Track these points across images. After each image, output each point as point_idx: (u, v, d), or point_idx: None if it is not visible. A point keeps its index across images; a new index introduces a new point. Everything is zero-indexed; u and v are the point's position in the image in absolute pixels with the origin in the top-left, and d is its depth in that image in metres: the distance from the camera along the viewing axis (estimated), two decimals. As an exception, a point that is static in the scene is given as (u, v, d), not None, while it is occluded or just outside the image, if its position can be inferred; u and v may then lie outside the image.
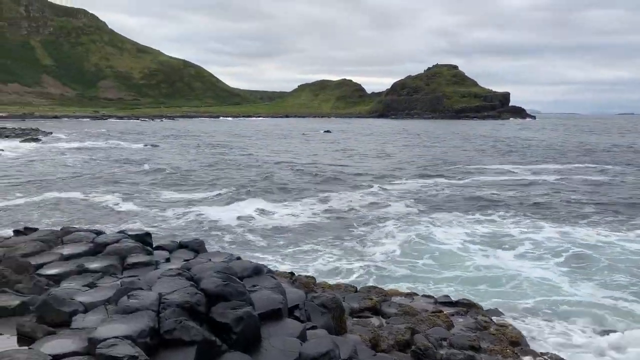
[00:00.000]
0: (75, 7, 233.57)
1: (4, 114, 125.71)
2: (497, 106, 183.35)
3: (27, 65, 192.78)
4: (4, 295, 6.03)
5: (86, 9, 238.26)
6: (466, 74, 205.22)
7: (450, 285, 10.77)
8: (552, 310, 9.38)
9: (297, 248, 13.54)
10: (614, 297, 10.01)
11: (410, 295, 9.44)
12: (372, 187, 23.76)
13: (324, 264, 12.17)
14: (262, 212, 17.88)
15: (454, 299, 9.17)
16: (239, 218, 16.76)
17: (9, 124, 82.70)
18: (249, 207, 18.54)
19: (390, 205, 19.39)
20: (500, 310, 9.26)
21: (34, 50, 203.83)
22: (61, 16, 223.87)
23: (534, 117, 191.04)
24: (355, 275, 11.42)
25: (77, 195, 20.59)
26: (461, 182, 25.53)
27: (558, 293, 10.23)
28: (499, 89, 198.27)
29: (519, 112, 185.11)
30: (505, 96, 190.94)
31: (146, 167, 30.64)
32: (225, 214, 17.18)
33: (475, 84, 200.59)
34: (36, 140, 49.13)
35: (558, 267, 11.93)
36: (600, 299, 9.94)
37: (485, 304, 9.34)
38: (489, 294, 10.31)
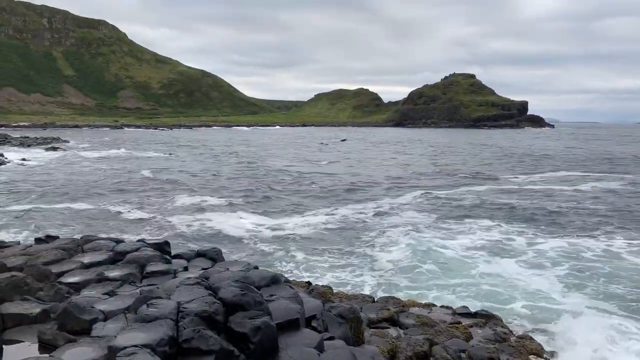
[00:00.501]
0: (97, 18, 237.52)
1: (26, 123, 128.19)
2: (515, 115, 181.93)
3: (49, 76, 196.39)
4: (25, 302, 6.12)
5: (107, 20, 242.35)
6: (484, 83, 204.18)
7: (466, 296, 10.66)
8: (573, 323, 9.22)
9: (311, 257, 13.52)
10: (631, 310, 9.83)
11: (428, 305, 9.36)
12: (386, 196, 23.76)
13: (337, 274, 12.14)
14: (274, 220, 17.94)
15: (472, 309, 9.07)
16: (250, 227, 16.84)
17: (31, 133, 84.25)
18: (260, 216, 18.63)
19: (403, 214, 19.34)
20: (520, 321, 9.14)
21: (55, 61, 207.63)
22: (83, 27, 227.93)
23: (552, 126, 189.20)
24: (369, 285, 11.36)
25: (95, 203, 20.86)
26: (476, 190, 25.32)
27: (578, 306, 10.06)
28: (517, 98, 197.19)
29: (537, 121, 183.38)
30: (524, 105, 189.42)
31: (162, 176, 30.92)
32: (236, 222, 17.28)
33: (492, 92, 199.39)
34: (56, 149, 49.92)
35: (570, 279, 11.73)
36: (616, 313, 9.76)
37: (504, 315, 9.22)
38: (506, 305, 10.18)
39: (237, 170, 34.83)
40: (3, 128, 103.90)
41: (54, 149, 50.35)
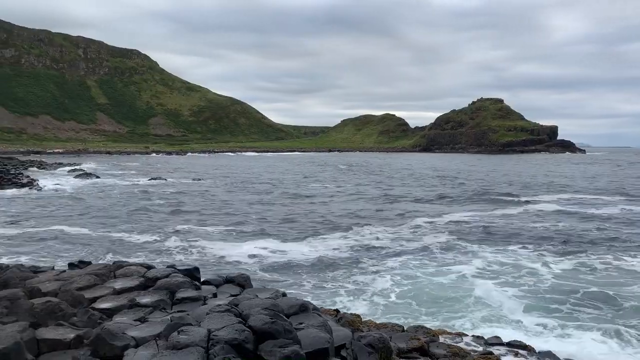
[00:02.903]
0: (129, 48, 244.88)
1: (60, 150, 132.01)
2: (545, 140, 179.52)
3: (83, 104, 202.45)
4: (60, 328, 6.23)
5: (139, 49, 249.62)
6: (512, 108, 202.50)
7: (496, 325, 10.42)
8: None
9: (336, 283, 13.42)
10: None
11: (459, 335, 9.18)
12: (414, 219, 23.64)
13: (364, 300, 12.02)
14: (298, 246, 17.95)
15: (504, 339, 8.86)
16: (272, 252, 16.88)
17: (65, 160, 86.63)
18: (282, 242, 18.69)
19: (426, 237, 19.20)
20: (552, 352, 8.87)
21: (90, 90, 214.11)
22: (116, 57, 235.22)
23: (583, 151, 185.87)
24: (394, 313, 11.19)
25: (126, 229, 21.22)
26: (503, 214, 24.93)
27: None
28: (546, 122, 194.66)
29: (568, 146, 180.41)
30: (553, 130, 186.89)
31: (186, 203, 31.30)
32: (258, 249, 17.34)
33: (521, 117, 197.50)
34: (89, 175, 51.12)
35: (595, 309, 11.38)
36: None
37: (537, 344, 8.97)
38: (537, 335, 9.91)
39: (264, 198, 35.04)
40: (39, 155, 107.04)
41: (87, 174, 51.57)
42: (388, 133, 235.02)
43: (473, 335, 9.19)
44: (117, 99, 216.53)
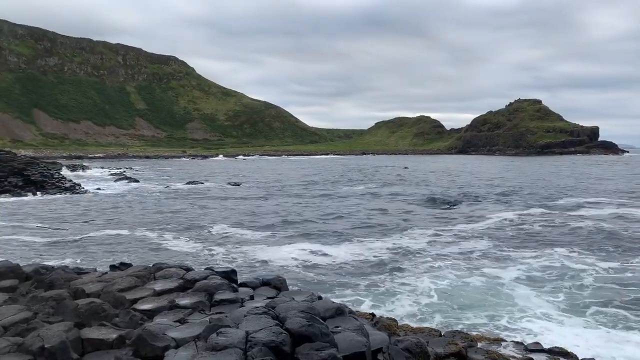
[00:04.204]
0: (167, 54, 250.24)
1: (101, 154, 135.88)
2: (586, 141, 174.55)
3: (122, 109, 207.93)
4: (103, 328, 6.41)
5: (176, 56, 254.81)
6: (550, 109, 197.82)
7: (537, 331, 10.18)
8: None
9: (374, 286, 13.36)
10: None
11: (498, 340, 9.00)
12: (453, 222, 23.35)
13: (401, 303, 11.92)
14: (337, 248, 17.92)
15: (545, 346, 8.64)
16: (311, 254, 16.89)
17: (106, 164, 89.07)
18: (321, 244, 18.69)
19: (466, 241, 18.90)
20: (595, 359, 8.62)
21: (129, 95, 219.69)
22: (154, 63, 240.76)
23: (626, 152, 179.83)
24: (432, 316, 11.07)
25: (164, 232, 21.66)
26: (544, 216, 24.35)
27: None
28: (586, 123, 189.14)
29: (610, 147, 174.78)
30: (594, 131, 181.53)
31: (223, 207, 31.69)
32: (297, 251, 17.39)
33: (560, 118, 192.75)
34: (129, 179, 52.41)
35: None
36: None
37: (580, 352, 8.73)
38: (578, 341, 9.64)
39: (297, 203, 35.19)
40: (80, 160, 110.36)
41: (126, 178, 52.88)
42: (423, 135, 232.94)
43: (512, 341, 9.00)
44: (156, 104, 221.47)
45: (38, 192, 36.59)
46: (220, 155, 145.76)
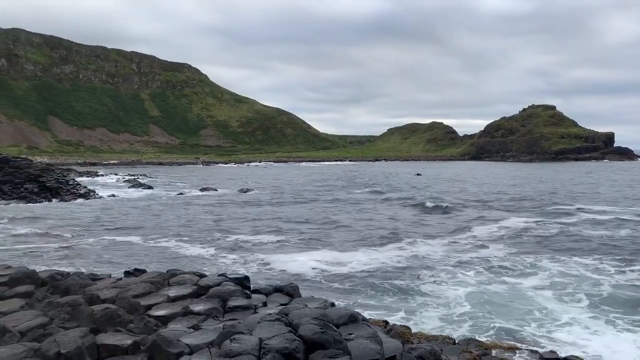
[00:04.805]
0: (180, 62, 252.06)
1: (115, 161, 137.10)
2: (601, 147, 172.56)
3: (137, 116, 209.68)
4: (118, 334, 6.46)
5: (190, 63, 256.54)
6: (565, 114, 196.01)
7: (553, 339, 10.07)
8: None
9: (389, 294, 13.30)
10: None
11: (512, 349, 8.93)
12: (470, 229, 23.29)
13: (416, 310, 11.85)
14: (352, 255, 17.89)
15: (561, 354, 8.55)
16: (327, 263, 16.84)
17: (120, 170, 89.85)
18: (337, 252, 18.64)
19: (483, 248, 18.78)
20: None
21: (143, 103, 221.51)
22: (168, 71, 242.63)
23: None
24: (450, 323, 10.99)
25: (178, 238, 21.78)
26: (562, 223, 24.10)
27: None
28: (601, 129, 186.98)
29: (626, 153, 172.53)
30: (609, 136, 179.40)
31: (236, 214, 31.79)
32: (313, 260, 17.33)
33: (574, 124, 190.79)
34: (143, 185, 52.80)
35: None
36: None
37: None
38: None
39: (314, 210, 35.17)
40: (95, 166, 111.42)
41: (140, 185, 53.28)
42: (436, 141, 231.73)
43: (528, 350, 8.92)
44: (169, 111, 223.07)
45: (53, 199, 37.01)
46: (230, 164, 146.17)
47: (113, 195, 42.16)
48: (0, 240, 20.63)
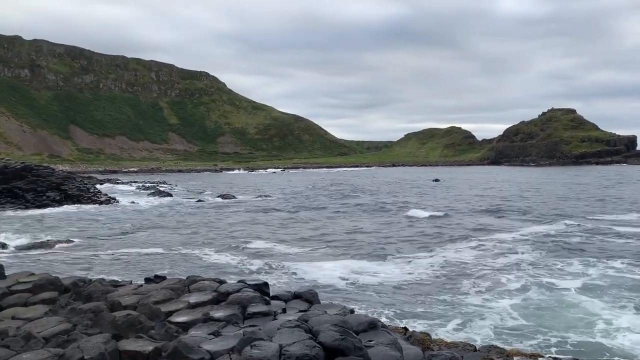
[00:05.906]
0: (198, 70, 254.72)
1: (135, 169, 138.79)
2: (622, 151, 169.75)
3: (156, 124, 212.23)
4: (139, 340, 6.53)
5: (208, 71, 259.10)
6: (585, 118, 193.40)
7: (581, 346, 9.91)
8: None
9: (415, 302, 13.20)
10: None
11: (535, 356, 8.80)
12: (498, 234, 23.13)
13: (433, 319, 11.74)
14: (378, 265, 17.81)
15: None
16: (352, 272, 16.68)
17: (140, 178, 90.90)
18: (363, 260, 18.58)
19: (513, 253, 18.64)
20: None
21: (162, 111, 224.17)
22: (186, 79, 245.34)
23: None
24: (468, 332, 10.88)
25: (198, 245, 21.94)
26: (592, 228, 23.75)
27: None
28: (623, 132, 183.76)
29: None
30: (632, 140, 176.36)
31: (256, 220, 31.88)
32: (335, 268, 17.20)
33: (595, 127, 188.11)
34: (162, 193, 53.33)
35: None
36: None
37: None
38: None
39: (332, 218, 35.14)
40: (115, 174, 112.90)
41: (160, 192, 53.82)
42: (454, 146, 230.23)
43: (550, 357, 8.79)
44: (188, 119, 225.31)
45: (74, 205, 37.58)
46: (239, 170, 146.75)
47: (133, 202, 42.67)
48: (25, 247, 20.99)
